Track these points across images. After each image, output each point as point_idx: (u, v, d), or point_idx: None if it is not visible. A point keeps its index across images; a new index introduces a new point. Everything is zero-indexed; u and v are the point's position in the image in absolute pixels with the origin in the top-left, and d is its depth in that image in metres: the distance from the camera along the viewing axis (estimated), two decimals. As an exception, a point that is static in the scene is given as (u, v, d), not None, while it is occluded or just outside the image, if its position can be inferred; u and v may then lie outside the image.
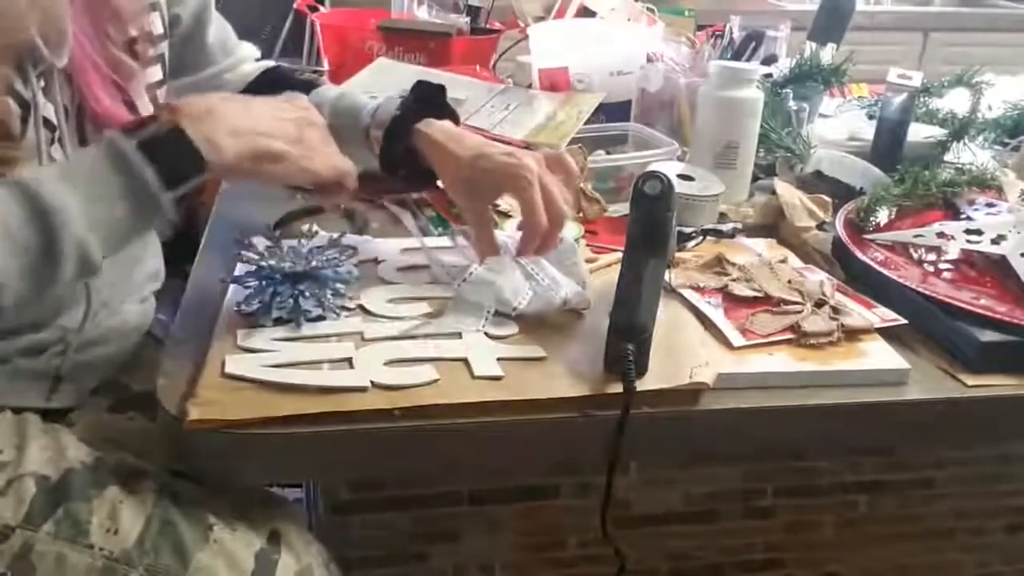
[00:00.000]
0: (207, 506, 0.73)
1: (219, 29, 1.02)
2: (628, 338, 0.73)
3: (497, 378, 0.75)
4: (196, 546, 0.70)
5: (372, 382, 0.73)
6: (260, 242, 0.86)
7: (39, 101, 0.74)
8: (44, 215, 0.65)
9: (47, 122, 0.75)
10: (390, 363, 0.76)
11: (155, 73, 0.87)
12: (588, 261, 0.94)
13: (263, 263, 0.81)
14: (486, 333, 0.81)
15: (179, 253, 1.00)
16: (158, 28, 0.88)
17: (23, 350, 0.77)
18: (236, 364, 0.74)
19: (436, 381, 0.74)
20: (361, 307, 0.85)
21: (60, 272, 0.67)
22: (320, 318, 0.82)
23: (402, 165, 0.94)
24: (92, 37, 0.78)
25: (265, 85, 1.02)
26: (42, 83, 0.74)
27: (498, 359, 0.77)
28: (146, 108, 0.85)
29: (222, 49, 1.03)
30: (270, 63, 1.08)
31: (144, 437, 0.78)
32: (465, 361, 0.77)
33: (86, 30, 0.76)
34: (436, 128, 0.92)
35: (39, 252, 0.65)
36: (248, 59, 1.06)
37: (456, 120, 0.96)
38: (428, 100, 0.95)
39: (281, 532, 0.75)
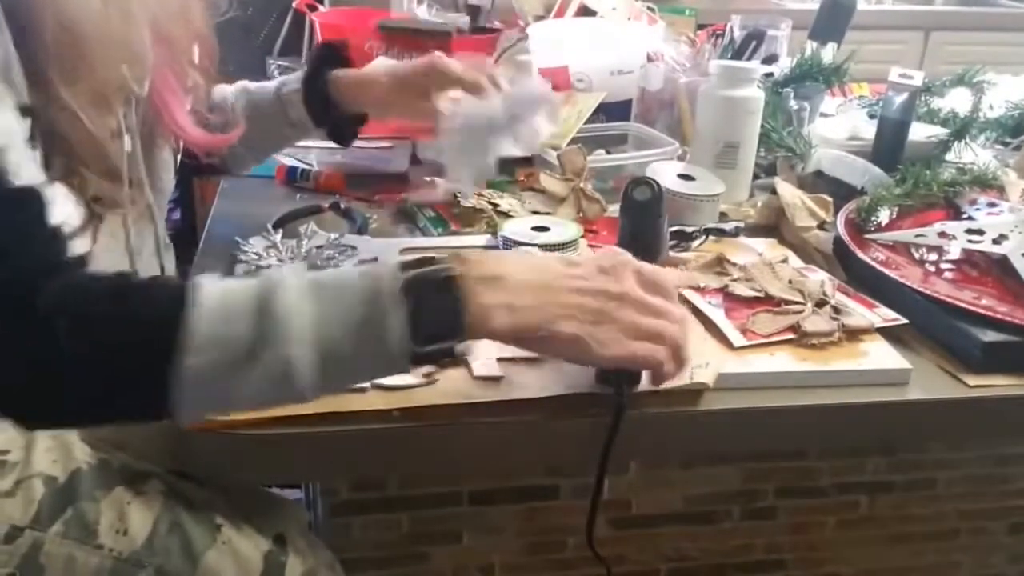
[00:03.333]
0: (214, 507, 0.73)
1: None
2: None
3: (497, 378, 0.75)
4: (205, 546, 0.70)
5: (372, 382, 0.73)
6: (259, 242, 0.86)
7: (124, 134, 0.74)
8: (267, 322, 0.58)
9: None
10: (389, 363, 0.76)
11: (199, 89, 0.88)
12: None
13: (262, 263, 0.81)
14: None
15: (179, 253, 1.00)
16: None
17: None
18: (235, 364, 0.74)
19: (436, 381, 0.74)
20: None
21: (256, 385, 0.59)
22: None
23: (327, 119, 1.02)
24: (168, 60, 0.78)
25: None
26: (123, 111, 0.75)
27: (498, 359, 0.77)
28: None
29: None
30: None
31: (145, 439, 0.78)
32: (465, 361, 0.77)
33: (162, 55, 0.77)
34: (343, 72, 1.01)
35: (247, 357, 0.58)
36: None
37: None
38: (331, 58, 1.03)
39: (286, 534, 0.75)
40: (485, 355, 0.77)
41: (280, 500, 0.81)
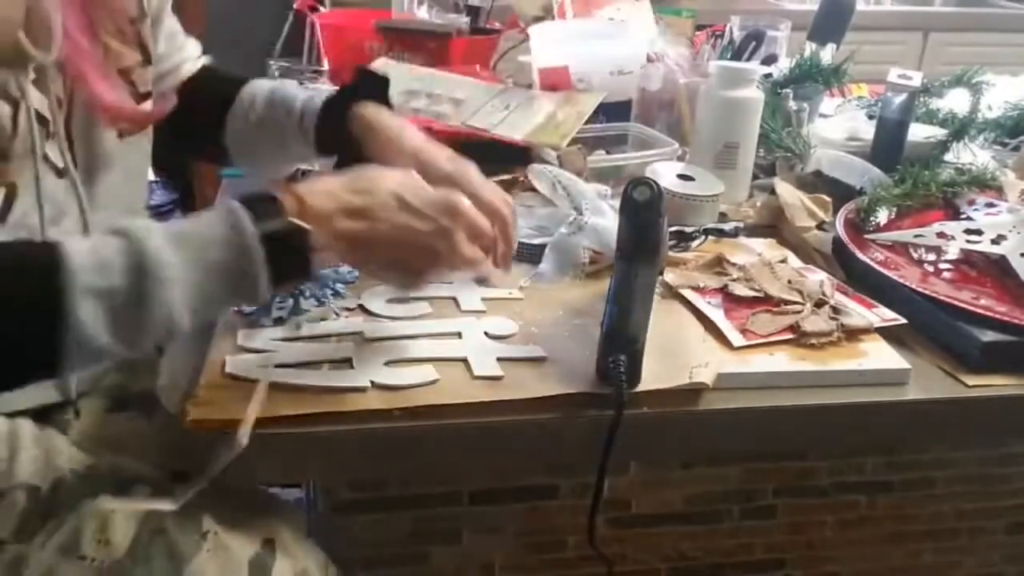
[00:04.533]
0: (203, 510, 0.72)
1: (173, 23, 0.96)
2: (619, 349, 0.72)
3: (497, 378, 0.75)
4: (190, 553, 0.69)
5: (372, 382, 0.73)
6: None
7: (30, 96, 0.71)
8: (143, 271, 0.61)
9: (40, 117, 0.72)
10: (390, 363, 0.76)
11: (134, 56, 0.82)
12: (590, 262, 0.94)
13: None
14: (486, 333, 0.81)
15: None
16: (133, 11, 0.83)
17: None
18: (236, 364, 0.74)
19: (436, 381, 0.74)
20: (361, 307, 0.85)
21: (144, 331, 0.62)
22: (320, 318, 0.82)
23: (337, 150, 0.90)
24: (84, 26, 0.75)
25: (200, 83, 0.98)
26: (33, 76, 0.73)
27: (498, 359, 0.77)
28: (145, 84, 0.82)
29: (174, 44, 0.97)
30: (206, 60, 1.02)
31: (143, 438, 0.78)
32: (465, 361, 0.77)
33: (78, 19, 0.74)
34: (374, 111, 0.87)
35: (130, 305, 0.61)
36: (191, 58, 1.00)
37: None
38: (369, 90, 0.90)
39: (277, 537, 0.74)
40: (486, 355, 0.77)
41: (275, 501, 0.80)
